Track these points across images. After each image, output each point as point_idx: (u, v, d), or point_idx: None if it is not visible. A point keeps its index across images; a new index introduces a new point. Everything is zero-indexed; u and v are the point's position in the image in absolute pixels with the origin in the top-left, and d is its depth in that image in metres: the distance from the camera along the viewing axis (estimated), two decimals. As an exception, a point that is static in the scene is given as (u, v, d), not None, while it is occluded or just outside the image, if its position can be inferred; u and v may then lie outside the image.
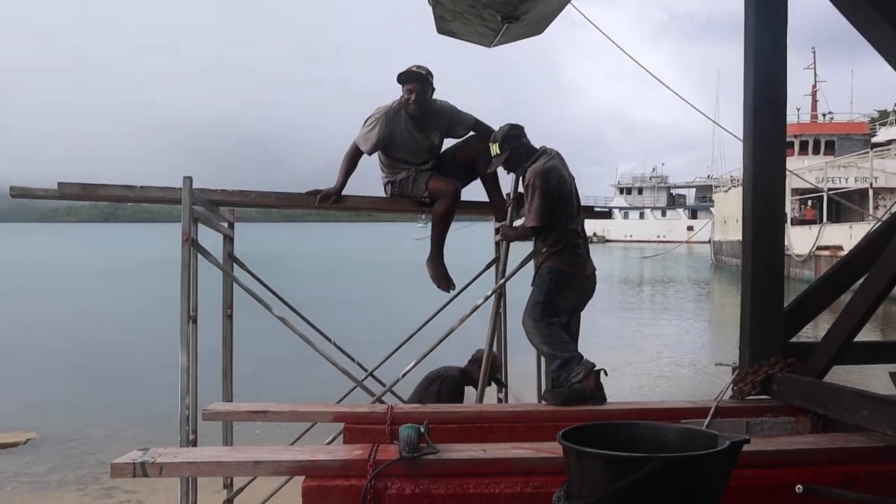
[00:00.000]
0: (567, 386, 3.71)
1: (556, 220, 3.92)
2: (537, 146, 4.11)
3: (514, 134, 4.07)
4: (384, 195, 4.61)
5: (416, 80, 4.27)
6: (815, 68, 42.65)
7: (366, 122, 4.35)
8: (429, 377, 4.67)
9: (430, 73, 4.33)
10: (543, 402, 3.80)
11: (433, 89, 4.37)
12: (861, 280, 3.63)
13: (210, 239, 4.05)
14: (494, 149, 4.11)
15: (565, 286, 3.91)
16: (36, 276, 30.99)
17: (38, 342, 14.78)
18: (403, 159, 4.45)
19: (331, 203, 4.30)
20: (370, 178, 4.68)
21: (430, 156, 4.49)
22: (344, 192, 4.37)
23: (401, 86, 4.33)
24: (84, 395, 10.11)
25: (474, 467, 2.84)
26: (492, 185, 4.52)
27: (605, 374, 3.81)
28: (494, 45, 5.19)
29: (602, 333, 14.38)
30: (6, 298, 22.65)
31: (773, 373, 3.74)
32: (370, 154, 4.39)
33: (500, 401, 4.85)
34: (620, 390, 9.81)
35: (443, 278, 4.46)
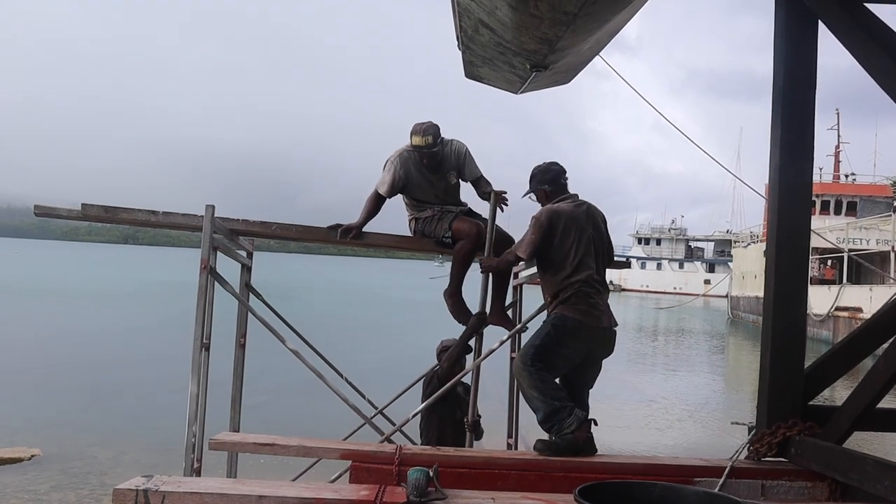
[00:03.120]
0: (560, 436, 3.58)
1: (558, 267, 3.82)
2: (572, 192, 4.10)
3: (536, 176, 4.14)
4: (407, 231, 4.63)
5: (428, 151, 4.34)
6: (838, 129, 42.66)
7: (384, 165, 4.46)
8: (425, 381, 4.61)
9: (435, 134, 4.35)
10: (535, 451, 3.63)
11: (441, 139, 4.42)
12: (885, 345, 3.56)
13: (228, 267, 4.07)
14: (530, 185, 4.19)
15: (570, 334, 3.73)
16: (53, 293, 31.24)
17: (49, 359, 14.81)
18: (423, 200, 4.51)
19: (351, 238, 4.31)
20: (390, 216, 4.70)
21: (449, 197, 4.52)
22: (364, 229, 4.39)
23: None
24: (91, 415, 10.08)
25: (482, 516, 2.78)
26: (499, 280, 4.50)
27: (596, 424, 3.71)
28: (521, 92, 5.23)
29: (614, 383, 14.19)
30: (23, 314, 22.82)
31: (791, 435, 3.65)
32: (389, 196, 4.46)
33: (509, 446, 4.78)
34: (630, 442, 9.65)
35: (461, 313, 4.45)
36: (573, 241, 3.83)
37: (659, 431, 10.98)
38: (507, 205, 4.38)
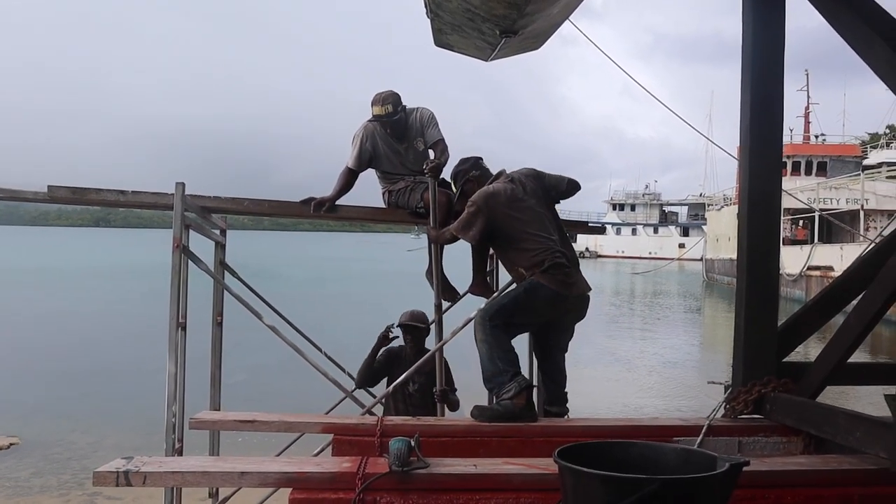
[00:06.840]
0: (498, 402, 3.57)
1: (517, 244, 3.76)
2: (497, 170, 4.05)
3: (462, 169, 4.11)
4: (382, 205, 4.61)
5: (389, 119, 4.35)
6: (807, 90, 43.00)
7: (352, 140, 4.46)
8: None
9: (395, 101, 4.33)
10: (471, 417, 3.58)
11: (403, 106, 4.40)
12: (855, 301, 3.62)
13: (201, 246, 4.02)
14: (454, 187, 4.15)
15: (543, 301, 3.67)
16: (25, 279, 30.74)
17: (24, 345, 14.63)
18: (393, 171, 4.51)
19: (324, 211, 4.28)
20: (365, 191, 4.67)
21: (419, 166, 4.48)
22: (338, 203, 4.37)
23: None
24: (69, 400, 9.99)
25: (465, 482, 2.80)
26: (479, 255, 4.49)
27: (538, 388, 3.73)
28: (492, 60, 5.19)
29: (592, 347, 14.36)
30: (-7, 300, 22.46)
31: (766, 392, 3.72)
32: (359, 169, 4.47)
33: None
34: (610, 405, 9.80)
35: (446, 290, 4.44)
36: (520, 216, 3.76)
37: (638, 394, 11.16)
38: (434, 177, 4.23)
